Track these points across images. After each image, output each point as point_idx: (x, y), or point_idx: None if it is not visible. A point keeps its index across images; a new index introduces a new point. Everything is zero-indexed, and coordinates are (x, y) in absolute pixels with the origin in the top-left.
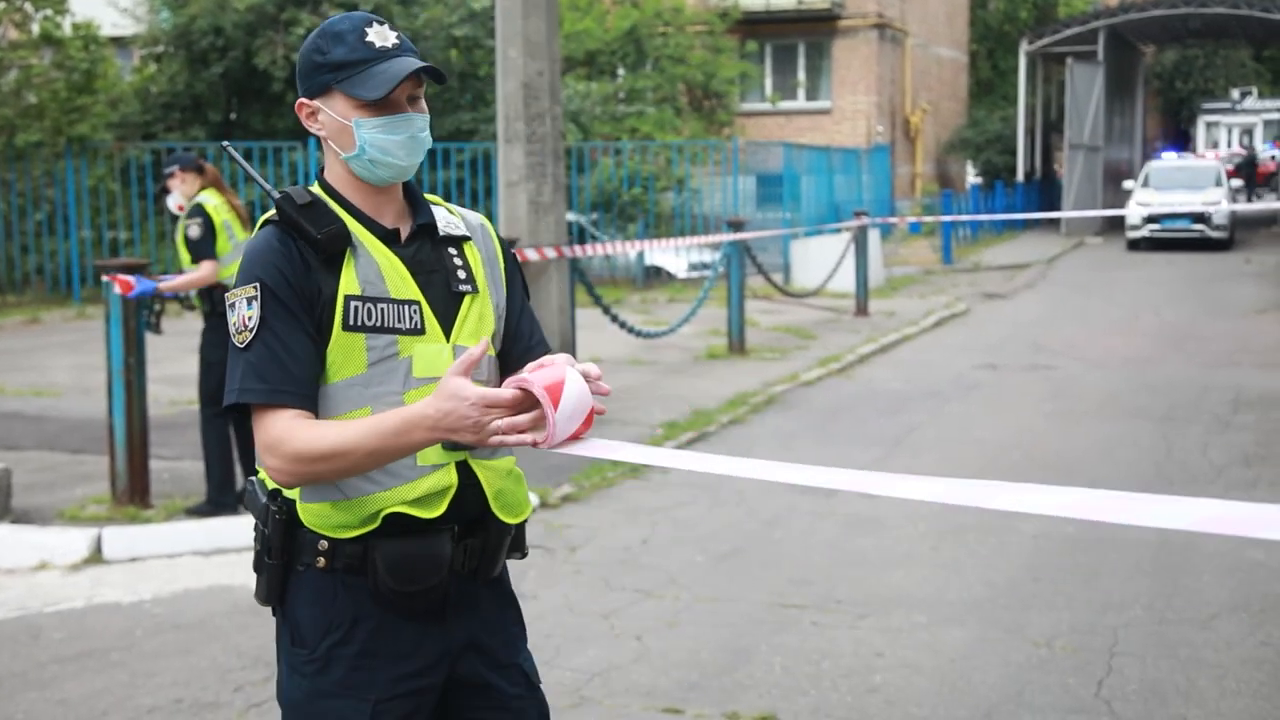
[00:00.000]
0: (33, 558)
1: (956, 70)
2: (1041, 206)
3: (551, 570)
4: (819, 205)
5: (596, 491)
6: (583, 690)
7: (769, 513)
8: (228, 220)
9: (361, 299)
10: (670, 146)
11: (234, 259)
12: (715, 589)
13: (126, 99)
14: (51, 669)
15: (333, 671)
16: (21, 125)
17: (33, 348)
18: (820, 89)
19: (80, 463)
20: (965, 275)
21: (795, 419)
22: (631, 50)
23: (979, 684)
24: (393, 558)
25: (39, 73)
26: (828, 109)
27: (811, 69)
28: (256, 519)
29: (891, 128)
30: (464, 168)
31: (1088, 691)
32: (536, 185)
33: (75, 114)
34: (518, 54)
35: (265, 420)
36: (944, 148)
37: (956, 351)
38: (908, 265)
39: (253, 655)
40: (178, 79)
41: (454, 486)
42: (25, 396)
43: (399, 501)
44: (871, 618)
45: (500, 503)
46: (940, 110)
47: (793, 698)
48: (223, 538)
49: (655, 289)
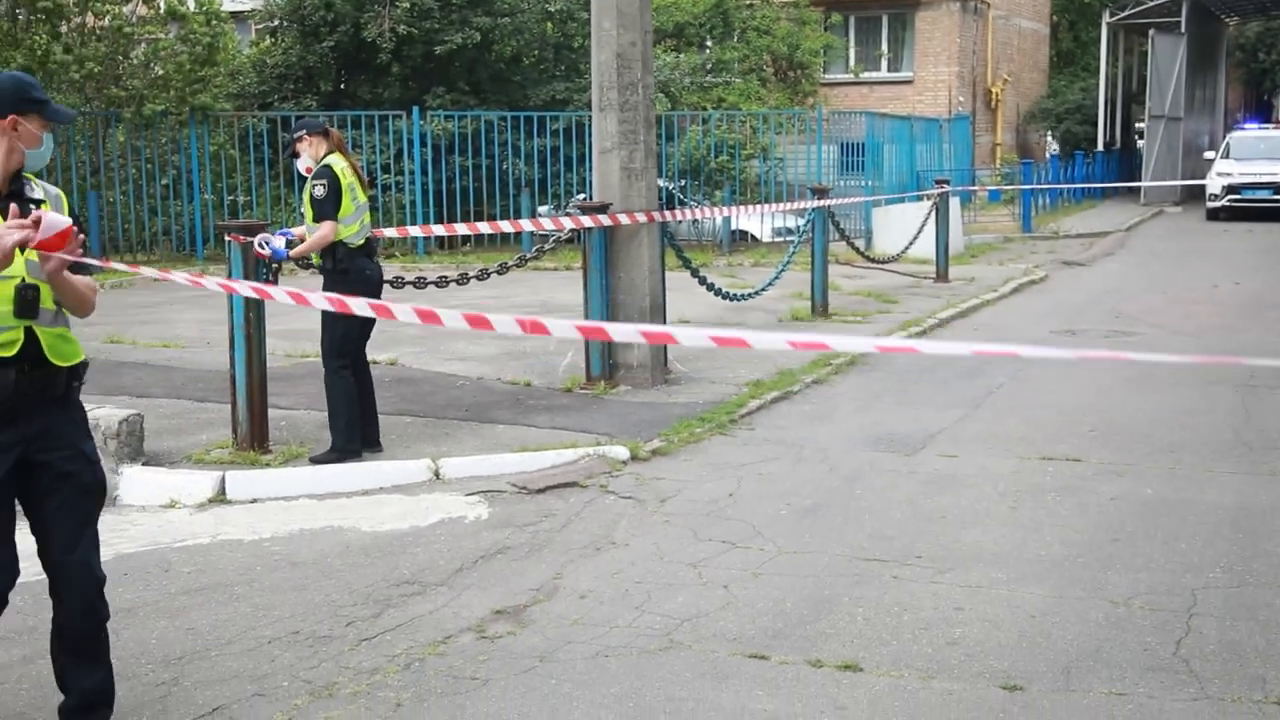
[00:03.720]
0: (162, 497)
1: (1038, 41)
2: (1120, 177)
3: (642, 520)
4: (900, 173)
5: (685, 446)
6: (673, 634)
7: (850, 470)
8: (352, 183)
9: None
10: (756, 116)
11: (355, 219)
12: (798, 542)
13: (244, 71)
14: (180, 599)
15: None
16: (149, 96)
17: (159, 303)
18: (902, 60)
19: (204, 410)
20: (1044, 243)
21: (877, 380)
22: (719, 22)
23: (1058, 640)
24: None
25: (165, 46)
26: (910, 79)
27: (894, 40)
28: None
29: (972, 98)
30: (558, 135)
31: (1166, 650)
32: (629, 152)
33: (198, 85)
34: (611, 25)
35: None
36: (1024, 118)
37: (1035, 317)
38: (987, 233)
39: (364, 592)
40: (291, 52)
41: (20, 341)
42: (154, 348)
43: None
44: (951, 573)
45: (53, 352)
46: (1021, 81)
47: (874, 648)
48: (335, 483)
49: (740, 253)
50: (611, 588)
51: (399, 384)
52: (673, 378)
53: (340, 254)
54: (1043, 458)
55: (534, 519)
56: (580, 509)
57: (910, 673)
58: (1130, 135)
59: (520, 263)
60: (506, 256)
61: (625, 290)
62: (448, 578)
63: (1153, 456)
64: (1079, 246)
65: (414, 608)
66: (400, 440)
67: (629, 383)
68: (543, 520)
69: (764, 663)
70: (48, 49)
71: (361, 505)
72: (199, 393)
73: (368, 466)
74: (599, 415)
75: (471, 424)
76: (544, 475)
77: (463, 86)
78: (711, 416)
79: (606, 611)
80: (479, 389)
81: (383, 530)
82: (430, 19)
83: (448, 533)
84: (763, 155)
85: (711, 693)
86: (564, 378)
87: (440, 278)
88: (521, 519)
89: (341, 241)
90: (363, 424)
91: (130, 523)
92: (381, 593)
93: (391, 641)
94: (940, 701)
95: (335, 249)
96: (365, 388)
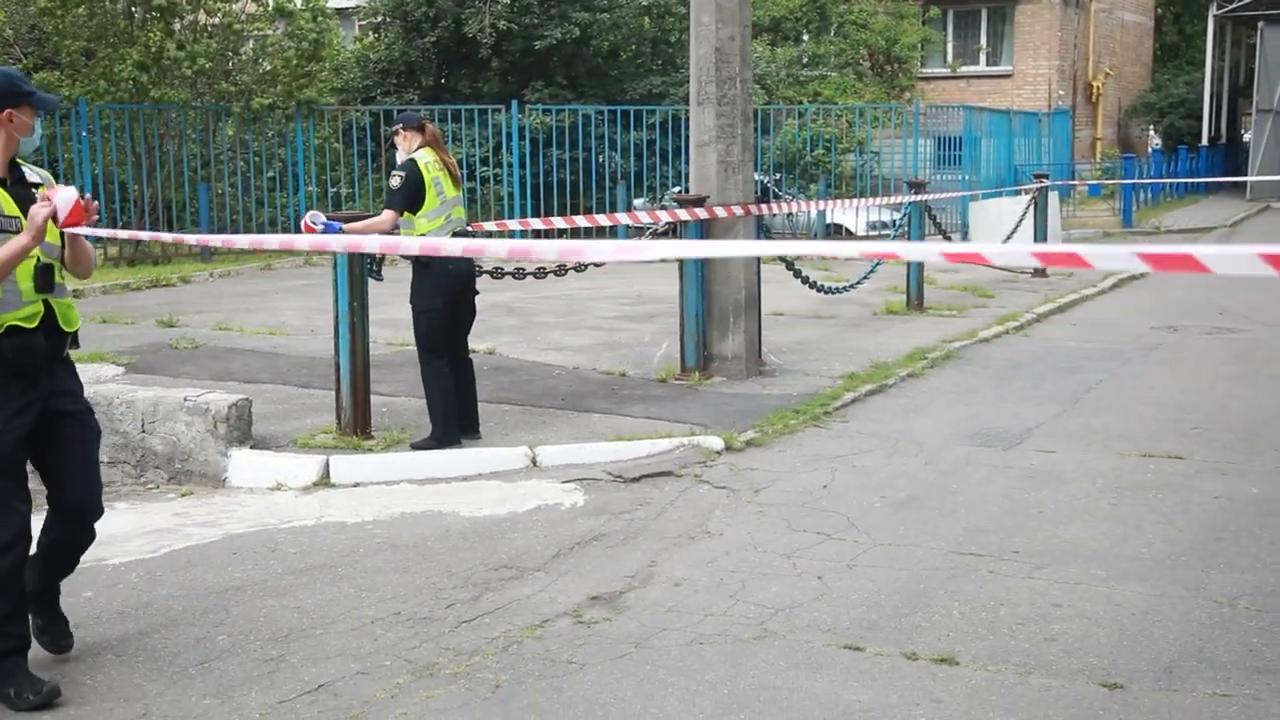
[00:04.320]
0: (269, 479)
1: (1141, 34)
2: (1225, 172)
3: (736, 510)
4: (997, 168)
5: (779, 438)
6: (767, 624)
7: (946, 464)
8: (438, 178)
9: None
10: (852, 110)
11: (440, 213)
12: (893, 534)
13: (348, 66)
14: (287, 579)
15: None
16: (257, 90)
17: (265, 291)
18: (1001, 53)
19: (309, 396)
20: (1145, 238)
21: (973, 374)
22: (815, 17)
23: (1159, 639)
24: (13, 347)
25: (273, 43)
26: (1009, 73)
27: (993, 34)
28: None
29: (1073, 92)
30: (654, 129)
31: (1273, 652)
32: (726, 146)
33: (304, 80)
34: (710, 20)
35: None
36: (1126, 112)
37: (1136, 313)
38: (1086, 228)
39: (463, 576)
40: (394, 47)
41: (41, 312)
42: (261, 335)
43: (13, 318)
44: (1049, 569)
45: (64, 320)
46: (1123, 74)
47: (970, 642)
48: (435, 468)
49: None
50: (706, 576)
51: (497, 373)
52: (767, 369)
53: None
54: (1144, 454)
55: (629, 507)
56: (675, 498)
57: (1007, 668)
58: (1236, 130)
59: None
60: None
61: (721, 282)
62: (544, 563)
63: (1259, 455)
64: (1182, 242)
65: (512, 592)
66: (498, 428)
67: (723, 374)
68: (638, 508)
69: (859, 654)
70: (161, 45)
71: (460, 491)
72: (304, 379)
73: (467, 453)
74: (694, 405)
75: (568, 413)
76: (639, 464)
77: (561, 81)
78: (806, 408)
79: (701, 599)
80: (575, 378)
81: (481, 515)
82: (530, 14)
83: (544, 519)
84: (858, 149)
85: (806, 682)
86: (659, 368)
87: (538, 268)
88: (617, 507)
89: (425, 235)
90: (462, 412)
91: (238, 504)
92: (480, 576)
93: (490, 624)
94: (1038, 697)
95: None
96: (465, 377)
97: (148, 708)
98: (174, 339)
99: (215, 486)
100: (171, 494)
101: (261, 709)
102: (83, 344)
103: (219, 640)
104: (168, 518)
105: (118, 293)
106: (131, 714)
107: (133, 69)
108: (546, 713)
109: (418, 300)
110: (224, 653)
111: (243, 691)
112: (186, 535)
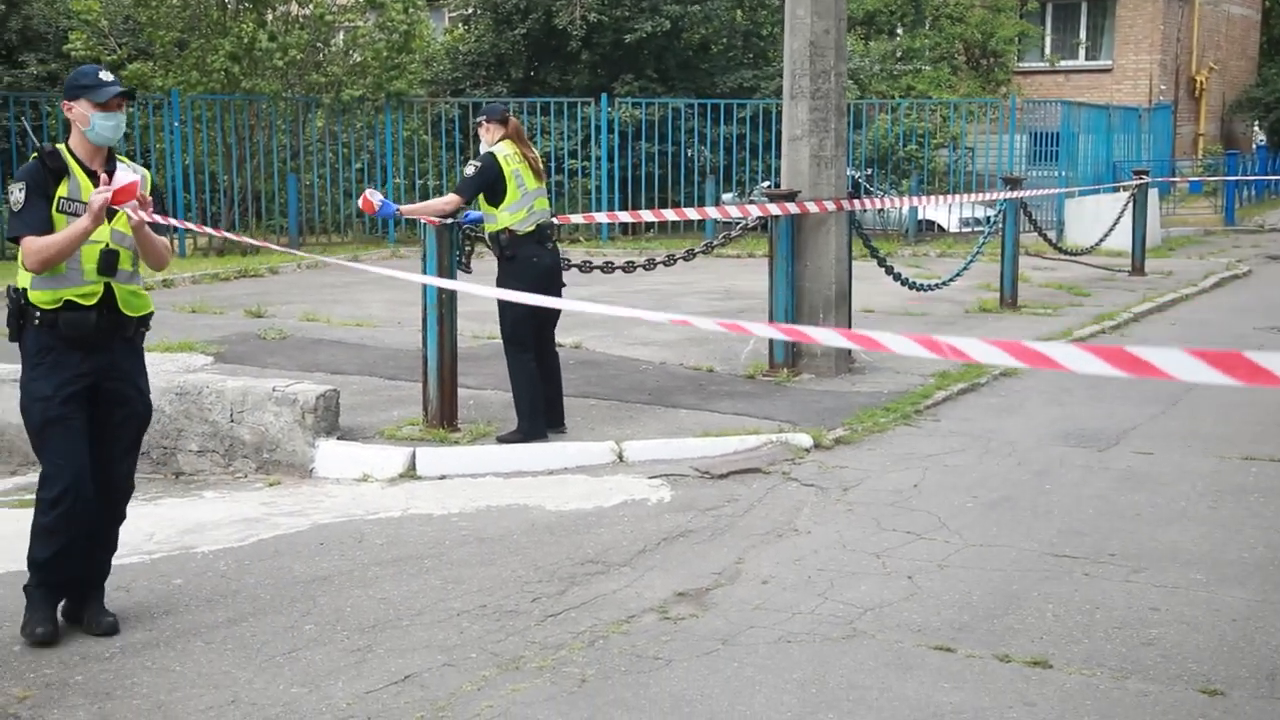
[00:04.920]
0: (356, 470)
1: (1248, 28)
2: None
3: (825, 508)
4: (1095, 164)
5: (869, 436)
6: (855, 623)
7: (1039, 464)
8: (518, 170)
9: (66, 199)
10: (946, 104)
11: (522, 206)
12: (985, 535)
13: (438, 58)
14: (373, 570)
15: (42, 369)
16: (348, 82)
17: (352, 283)
18: (1101, 48)
19: (396, 388)
20: (1248, 236)
21: (1068, 374)
22: (910, 10)
23: (1261, 645)
24: (67, 320)
25: (364, 34)
26: (1108, 67)
27: (1093, 27)
28: (10, 301)
29: (1175, 86)
30: (745, 123)
31: None
32: (819, 140)
33: (394, 72)
34: (805, 13)
35: (25, 241)
36: (1230, 107)
37: (1237, 313)
38: (1186, 225)
39: (549, 570)
40: (484, 39)
41: (99, 293)
42: (347, 327)
43: (72, 294)
44: (1146, 573)
45: (125, 304)
46: (1228, 69)
47: (1065, 645)
48: (521, 462)
49: (926, 243)
50: (794, 574)
51: (583, 367)
52: (856, 367)
53: (505, 241)
54: (1245, 457)
55: (716, 503)
56: (762, 495)
57: (1103, 672)
58: None
59: (706, 249)
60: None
61: (811, 278)
62: (631, 558)
63: None
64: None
65: (598, 586)
66: (584, 422)
67: (812, 370)
68: (725, 505)
69: (950, 655)
70: (254, 36)
71: (546, 484)
72: (390, 370)
73: (553, 447)
74: (782, 402)
75: (654, 408)
76: (726, 460)
77: (651, 74)
78: (896, 407)
79: (789, 597)
80: (662, 373)
81: (567, 510)
82: (621, 6)
83: (631, 514)
84: (952, 145)
85: (896, 683)
86: (746, 364)
87: (627, 263)
88: (704, 503)
89: (507, 228)
90: (547, 406)
91: (325, 494)
92: (566, 570)
93: (576, 619)
94: (1135, 702)
95: (500, 236)
96: (551, 371)
97: (236, 695)
98: (262, 329)
99: (302, 476)
100: (259, 483)
101: (348, 699)
102: (172, 333)
103: (306, 629)
104: (255, 507)
105: (207, 282)
106: (220, 701)
107: (225, 59)
108: (633, 708)
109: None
110: (311, 642)
111: (330, 681)
112: (274, 525)
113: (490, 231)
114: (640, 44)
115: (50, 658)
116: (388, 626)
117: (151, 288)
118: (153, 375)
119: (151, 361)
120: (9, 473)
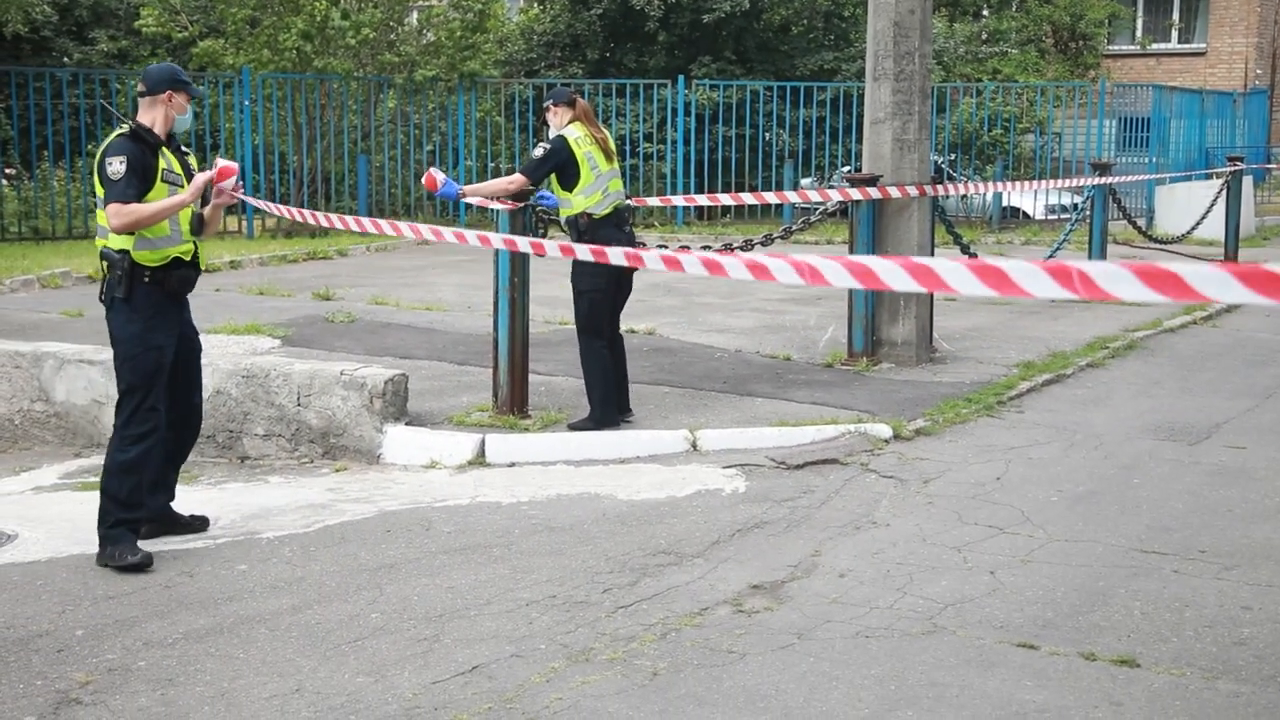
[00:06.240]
0: (424, 457)
1: None
2: None
3: (904, 500)
4: (1187, 150)
5: (950, 427)
6: (936, 619)
7: (1127, 458)
8: (589, 152)
9: (169, 171)
10: (1033, 88)
11: (596, 188)
12: (1070, 530)
13: (513, 38)
14: (441, 559)
15: (156, 321)
16: (420, 62)
17: (422, 267)
18: (1195, 30)
19: (465, 373)
20: None
21: (1157, 366)
22: None
23: None
24: (176, 277)
25: (438, 14)
26: (1202, 51)
27: (1187, 10)
28: (114, 264)
29: (1271, 71)
30: (824, 106)
31: None
32: (902, 123)
33: (468, 52)
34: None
35: (124, 206)
36: None
37: None
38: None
39: (620, 560)
40: (559, 19)
41: (193, 250)
42: (417, 311)
43: (177, 251)
44: (1238, 570)
45: (202, 259)
46: None
47: (1153, 644)
48: (592, 450)
49: (1010, 230)
50: (872, 568)
51: (656, 354)
52: (938, 356)
53: (583, 224)
54: None
55: (792, 494)
56: (840, 486)
57: (1193, 671)
58: None
59: (784, 235)
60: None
61: None
62: (704, 550)
63: None
64: None
65: (670, 578)
66: (657, 410)
67: (892, 360)
68: (801, 496)
69: (1033, 652)
70: (326, 15)
71: (618, 474)
72: (460, 356)
73: (625, 435)
74: (860, 392)
75: (729, 396)
76: (803, 451)
77: (729, 55)
78: (978, 397)
79: (866, 591)
80: (737, 361)
81: (639, 499)
82: None
83: (704, 504)
84: (1038, 129)
85: (977, 680)
86: (824, 353)
87: (703, 247)
88: (779, 494)
89: (585, 212)
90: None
91: (393, 481)
92: (637, 561)
93: (648, 610)
94: (1225, 703)
95: (577, 219)
96: (618, 356)
97: (301, 683)
98: (330, 312)
99: (369, 462)
100: (325, 469)
101: (415, 689)
102: (239, 315)
103: (372, 618)
104: (322, 493)
105: (275, 264)
106: (285, 689)
107: (297, 38)
108: (706, 702)
109: (580, 280)
110: (377, 630)
111: (396, 670)
112: (340, 511)
113: (567, 216)
114: (718, 24)
115: (113, 643)
116: (455, 616)
117: (219, 269)
118: (219, 358)
119: (218, 344)
120: (73, 454)
